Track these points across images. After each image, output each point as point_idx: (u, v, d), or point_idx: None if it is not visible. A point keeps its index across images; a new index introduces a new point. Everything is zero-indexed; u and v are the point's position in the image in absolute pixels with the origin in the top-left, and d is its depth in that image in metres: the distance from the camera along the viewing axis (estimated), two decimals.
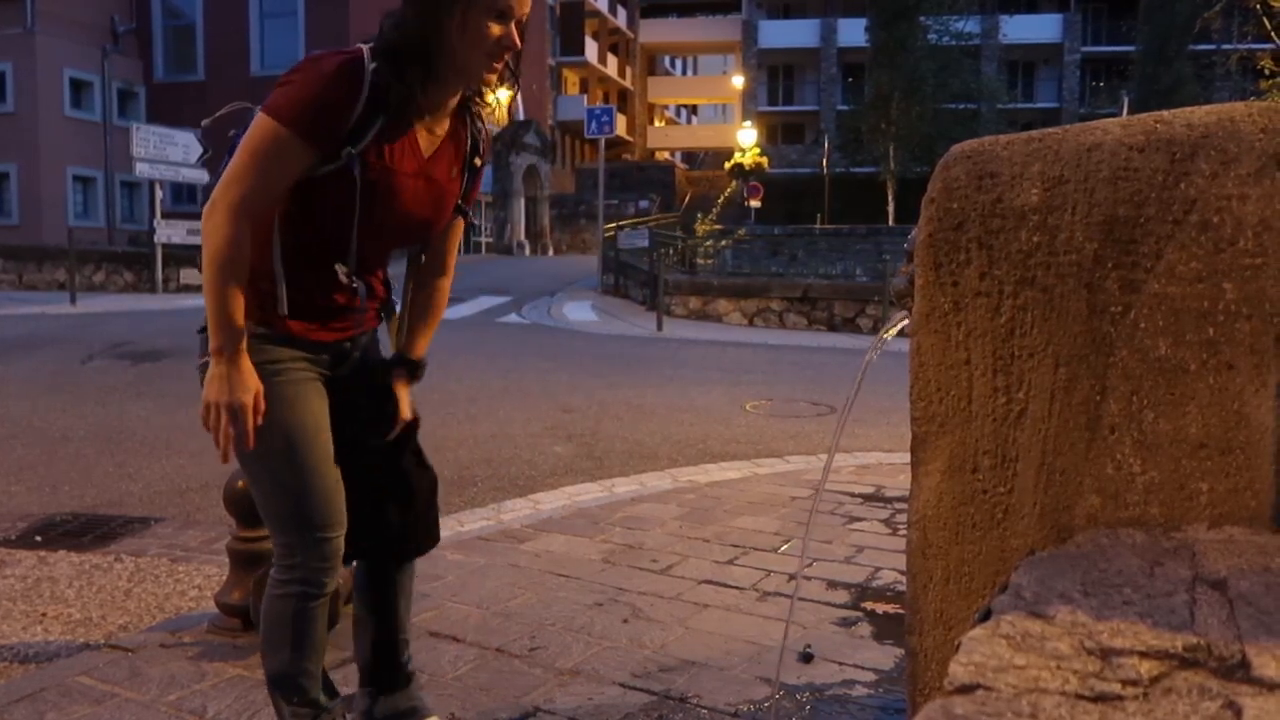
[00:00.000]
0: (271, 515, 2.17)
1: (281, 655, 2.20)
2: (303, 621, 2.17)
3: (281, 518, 2.15)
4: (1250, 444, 1.43)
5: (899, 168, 36.48)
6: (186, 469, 5.98)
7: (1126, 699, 0.90)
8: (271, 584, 2.20)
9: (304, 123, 1.94)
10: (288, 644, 2.18)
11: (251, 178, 1.96)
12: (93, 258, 21.67)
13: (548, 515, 4.81)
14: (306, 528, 2.12)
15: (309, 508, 2.12)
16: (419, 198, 2.12)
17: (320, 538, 2.13)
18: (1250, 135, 1.44)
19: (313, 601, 2.17)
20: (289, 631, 2.17)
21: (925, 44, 37.07)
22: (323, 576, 2.16)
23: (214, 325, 1.98)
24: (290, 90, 1.96)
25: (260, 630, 2.27)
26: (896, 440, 6.61)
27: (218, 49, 29.98)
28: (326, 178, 2.01)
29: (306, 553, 2.13)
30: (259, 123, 1.96)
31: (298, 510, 2.12)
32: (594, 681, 2.91)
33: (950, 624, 1.64)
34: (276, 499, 2.14)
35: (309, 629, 2.18)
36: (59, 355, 10.83)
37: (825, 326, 16.99)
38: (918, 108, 36.29)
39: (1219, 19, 25.24)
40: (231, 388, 1.97)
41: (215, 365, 1.98)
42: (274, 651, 2.21)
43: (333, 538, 2.15)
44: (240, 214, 1.95)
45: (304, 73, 1.97)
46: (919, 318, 1.66)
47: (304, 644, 2.19)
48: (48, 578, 4.01)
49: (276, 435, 2.08)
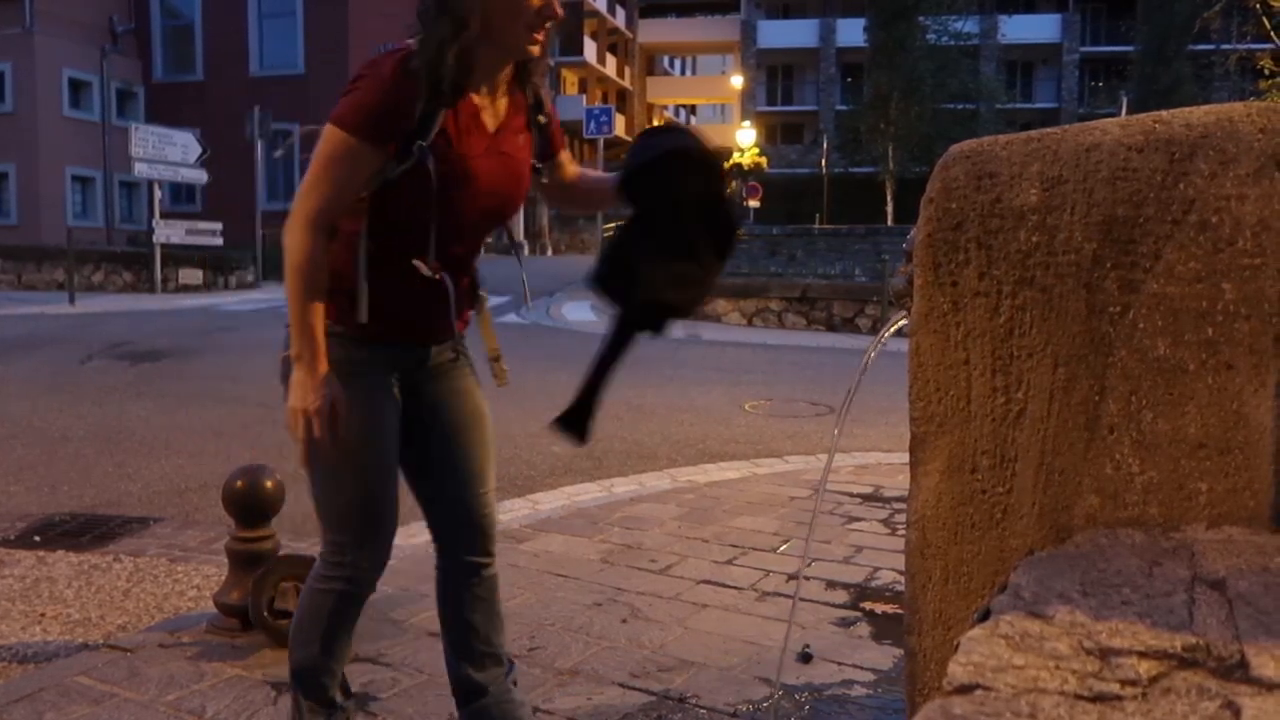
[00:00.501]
0: (326, 511, 2.20)
1: (310, 650, 2.24)
2: (337, 619, 2.22)
3: (335, 515, 2.18)
4: (1249, 444, 1.43)
5: (898, 168, 36.51)
6: (185, 469, 5.97)
7: (1125, 699, 0.90)
8: (315, 578, 2.24)
9: (369, 127, 1.97)
10: (318, 640, 2.22)
11: (324, 188, 2.00)
12: (91, 258, 21.65)
13: (546, 515, 4.81)
14: (365, 527, 2.17)
15: (363, 509, 2.16)
16: (494, 176, 2.12)
17: (371, 539, 2.17)
18: (1249, 135, 1.44)
19: (353, 602, 2.21)
20: (322, 627, 2.22)
21: (924, 44, 37.08)
22: (368, 576, 2.20)
23: (295, 333, 2.02)
24: (354, 98, 1.99)
25: (293, 621, 2.31)
26: (895, 440, 6.61)
27: (216, 49, 29.95)
28: (402, 178, 2.02)
29: (356, 552, 2.18)
30: (327, 134, 2.00)
31: (352, 510, 2.17)
32: (593, 681, 2.91)
33: (949, 624, 1.64)
34: (333, 496, 2.18)
35: (341, 629, 2.23)
36: (58, 355, 10.83)
37: (824, 326, 16.97)
38: (916, 108, 36.32)
39: (1218, 19, 25.25)
40: (310, 393, 2.00)
41: (296, 371, 2.02)
42: (303, 645, 2.25)
43: (382, 541, 2.19)
44: (316, 225, 2.00)
45: (365, 79, 1.99)
46: (918, 318, 1.66)
47: (333, 643, 2.23)
48: (46, 578, 4.01)
49: (347, 436, 2.11)
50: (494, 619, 2.39)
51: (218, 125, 25.29)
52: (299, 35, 29.08)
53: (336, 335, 2.09)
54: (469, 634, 2.36)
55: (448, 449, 2.29)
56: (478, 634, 2.36)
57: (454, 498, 2.30)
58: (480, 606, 2.36)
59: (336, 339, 2.09)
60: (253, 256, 22.21)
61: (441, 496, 2.30)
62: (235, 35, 29.77)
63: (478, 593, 2.35)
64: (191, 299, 18.97)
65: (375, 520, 2.17)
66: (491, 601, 2.38)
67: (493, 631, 2.38)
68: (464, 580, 2.35)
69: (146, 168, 20.60)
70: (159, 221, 20.62)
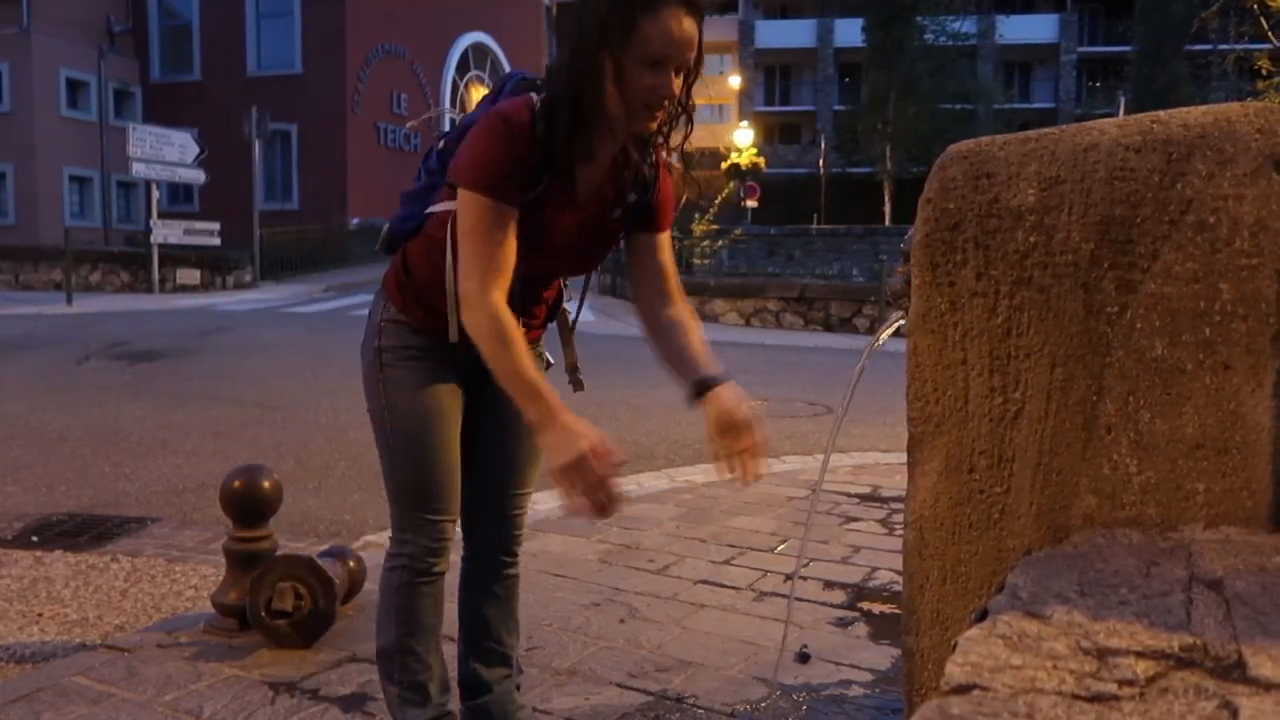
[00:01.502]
0: (391, 492, 2.23)
1: (388, 632, 2.25)
2: (408, 599, 2.22)
3: (397, 495, 2.21)
4: (1247, 444, 1.43)
5: (895, 168, 36.53)
6: (183, 469, 5.97)
7: (1123, 699, 0.90)
8: (386, 558, 2.27)
9: (504, 188, 1.92)
10: (393, 620, 2.24)
11: (480, 253, 1.92)
12: (89, 258, 21.62)
13: (544, 515, 4.80)
14: (417, 508, 2.19)
15: (421, 489, 2.18)
16: (573, 244, 2.09)
17: (428, 520, 2.19)
18: (1246, 135, 1.44)
19: (420, 579, 2.21)
20: (394, 607, 2.23)
21: (922, 44, 37.13)
22: (429, 557, 2.20)
23: (521, 400, 1.88)
24: (487, 159, 1.93)
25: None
26: (893, 440, 6.61)
27: (214, 49, 29.89)
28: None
29: (415, 532, 2.20)
30: (465, 201, 1.94)
31: (411, 490, 2.19)
32: (591, 681, 2.91)
33: (947, 624, 1.64)
34: (395, 477, 2.21)
35: (415, 608, 2.23)
36: (55, 355, 10.82)
37: (822, 327, 16.97)
38: (914, 108, 36.35)
39: (1215, 19, 25.25)
40: (568, 445, 1.81)
41: (543, 436, 1.86)
42: (382, 630, 2.27)
43: (440, 521, 2.20)
44: (487, 293, 1.91)
45: (499, 139, 1.94)
46: (915, 318, 1.66)
47: (409, 622, 2.23)
48: (44, 578, 4.00)
49: (402, 415, 2.16)
50: (509, 619, 2.41)
51: (215, 125, 25.25)
52: (296, 35, 29.03)
53: (399, 323, 2.15)
54: (482, 630, 2.38)
55: (495, 445, 2.31)
56: (490, 631, 2.38)
57: (492, 493, 2.33)
58: (497, 604, 2.38)
59: (397, 325, 2.15)
60: (250, 256, 22.18)
61: (479, 490, 2.32)
62: (233, 35, 29.72)
63: (496, 590, 2.38)
64: (189, 299, 18.95)
65: (431, 500, 2.18)
66: (509, 601, 2.40)
67: (505, 631, 2.40)
68: (486, 576, 2.38)
69: (144, 168, 20.56)
70: (156, 221, 20.58)
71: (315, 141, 28.26)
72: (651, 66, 1.85)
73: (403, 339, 2.17)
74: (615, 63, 1.85)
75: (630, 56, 1.84)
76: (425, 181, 2.19)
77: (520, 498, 2.36)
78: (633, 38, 1.82)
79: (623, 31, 1.82)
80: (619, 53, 1.84)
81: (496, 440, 2.30)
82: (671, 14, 1.83)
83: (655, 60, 1.85)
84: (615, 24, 1.82)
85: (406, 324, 2.17)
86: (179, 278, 21.03)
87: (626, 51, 1.84)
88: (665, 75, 1.86)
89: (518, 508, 2.36)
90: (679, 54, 1.87)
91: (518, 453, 2.32)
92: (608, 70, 1.86)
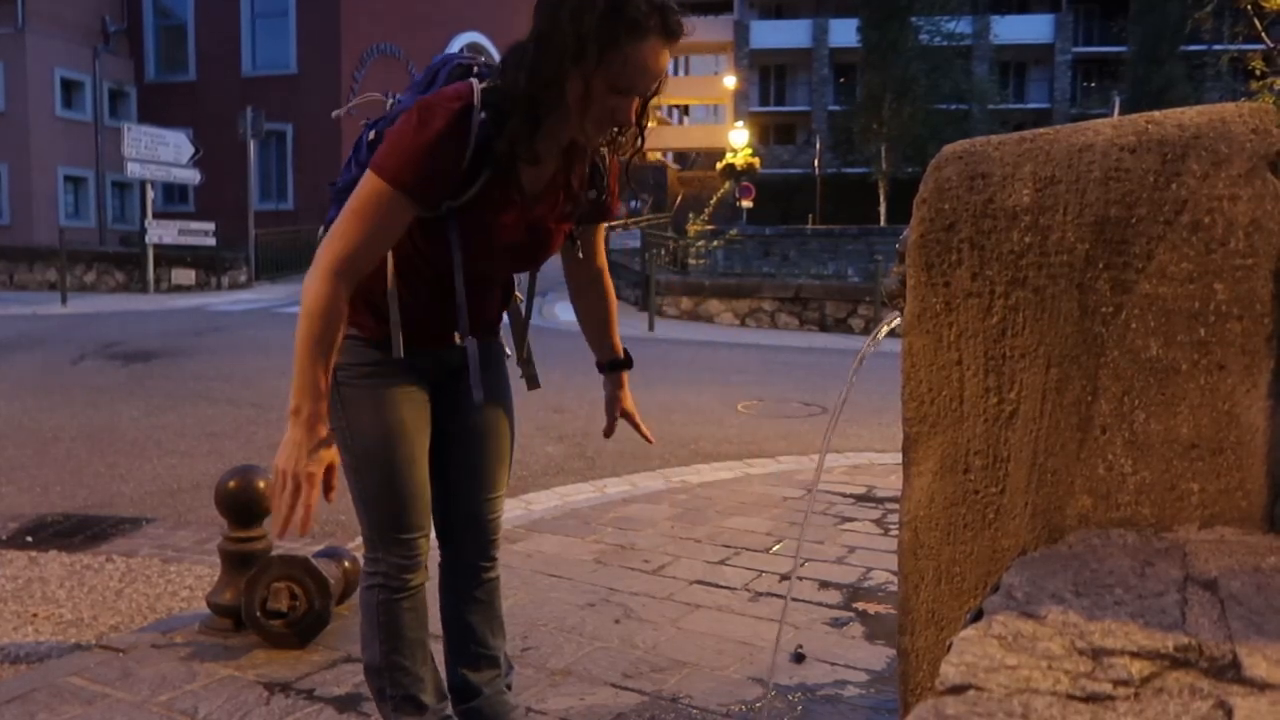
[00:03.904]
0: (359, 511, 2.21)
1: (372, 648, 2.25)
2: (387, 615, 2.21)
3: (365, 515, 2.19)
4: (1241, 444, 1.43)
5: (891, 168, 36.52)
6: (178, 469, 5.96)
7: (1118, 699, 0.90)
8: (361, 576, 2.26)
9: (413, 183, 1.88)
10: (376, 637, 2.23)
11: (355, 237, 1.88)
12: (84, 258, 21.57)
13: (539, 516, 4.80)
14: (386, 527, 2.17)
15: (390, 509, 2.16)
16: (519, 242, 2.07)
17: (398, 538, 2.17)
18: (1241, 136, 1.45)
19: (398, 595, 2.20)
20: (376, 625, 2.22)
21: (917, 44, 37.11)
22: (404, 574, 2.19)
23: (296, 385, 1.87)
24: (400, 148, 1.88)
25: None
26: (888, 440, 6.62)
27: (209, 49, 29.82)
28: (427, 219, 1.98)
29: (386, 551, 2.18)
30: (367, 181, 1.89)
31: (379, 510, 2.17)
32: (586, 682, 2.91)
33: (942, 624, 1.64)
34: (362, 497, 2.18)
35: (397, 624, 2.21)
36: (50, 356, 10.79)
37: (817, 327, 16.98)
38: (909, 108, 36.35)
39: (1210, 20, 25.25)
40: (302, 456, 1.84)
41: (292, 428, 1.87)
42: (366, 646, 2.27)
43: (409, 539, 2.18)
44: (340, 275, 1.88)
45: (416, 128, 1.88)
46: (911, 318, 1.66)
47: (394, 638, 2.22)
48: (39, 578, 4.00)
49: (364, 437, 2.12)
50: (493, 622, 2.39)
51: (210, 125, 25.21)
52: (291, 35, 28.97)
53: (355, 339, 2.09)
54: (466, 635, 2.36)
55: (463, 450, 2.29)
56: (475, 636, 2.36)
57: (463, 499, 2.31)
58: (479, 609, 2.36)
59: (355, 342, 2.09)
60: (245, 256, 22.14)
61: (451, 496, 2.30)
62: (228, 35, 29.66)
63: (477, 595, 2.36)
64: (184, 299, 18.92)
65: (400, 519, 2.16)
66: (491, 604, 2.39)
67: (490, 634, 2.38)
68: (465, 581, 2.36)
69: (139, 168, 20.53)
70: (151, 221, 20.54)
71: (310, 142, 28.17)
72: (619, 91, 1.85)
73: (357, 355, 2.10)
74: (584, 80, 1.84)
75: (599, 77, 1.83)
76: (355, 175, 2.04)
77: (491, 502, 2.33)
78: (609, 62, 1.82)
79: (600, 54, 1.81)
80: (590, 72, 1.82)
81: (462, 446, 2.28)
82: (652, 46, 1.83)
83: (625, 88, 1.85)
84: (596, 45, 1.80)
85: (359, 338, 2.10)
86: (174, 278, 21.00)
87: (597, 73, 1.82)
88: (628, 101, 1.88)
89: (491, 512, 2.34)
90: (647, 85, 1.89)
91: (485, 457, 2.31)
92: (573, 85, 1.85)
